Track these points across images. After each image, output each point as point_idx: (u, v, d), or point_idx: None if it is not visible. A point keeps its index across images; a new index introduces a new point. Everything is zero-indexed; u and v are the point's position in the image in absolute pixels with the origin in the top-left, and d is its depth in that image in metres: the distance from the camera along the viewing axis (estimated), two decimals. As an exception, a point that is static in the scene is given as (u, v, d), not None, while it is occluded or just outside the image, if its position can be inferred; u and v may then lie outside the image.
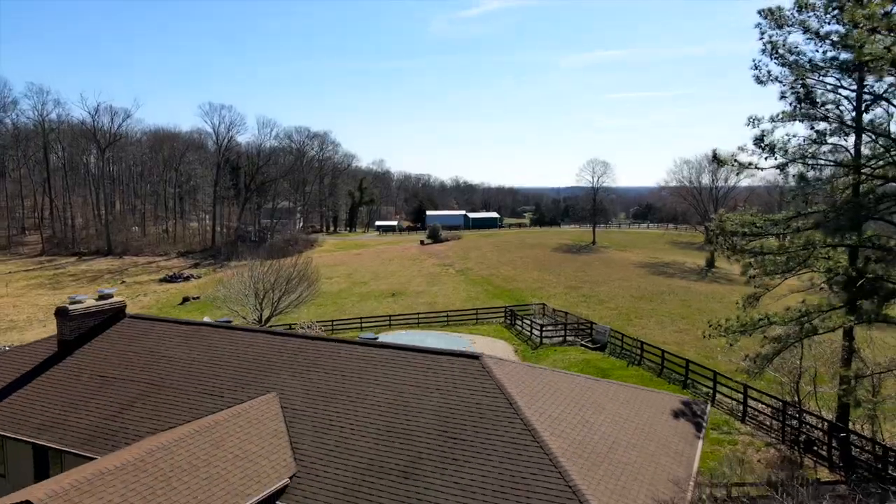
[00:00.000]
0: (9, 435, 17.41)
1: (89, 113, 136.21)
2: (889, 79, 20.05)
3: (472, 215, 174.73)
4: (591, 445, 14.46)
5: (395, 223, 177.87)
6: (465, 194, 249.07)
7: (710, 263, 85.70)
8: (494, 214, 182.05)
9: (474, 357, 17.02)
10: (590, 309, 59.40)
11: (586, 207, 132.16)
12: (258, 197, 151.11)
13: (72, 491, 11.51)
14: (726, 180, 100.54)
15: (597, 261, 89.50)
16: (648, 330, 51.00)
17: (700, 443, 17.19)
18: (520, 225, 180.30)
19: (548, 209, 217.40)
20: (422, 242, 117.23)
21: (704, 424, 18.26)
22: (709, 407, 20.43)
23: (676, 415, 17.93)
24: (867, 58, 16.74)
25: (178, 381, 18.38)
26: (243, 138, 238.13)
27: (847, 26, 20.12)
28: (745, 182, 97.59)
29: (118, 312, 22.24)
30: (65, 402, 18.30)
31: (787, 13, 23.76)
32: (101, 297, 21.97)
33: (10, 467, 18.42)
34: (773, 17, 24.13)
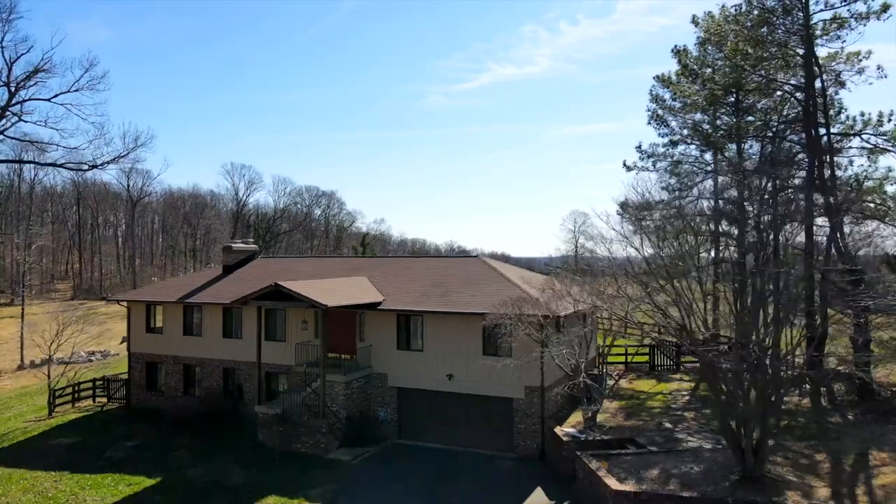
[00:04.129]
0: (209, 301, 30.64)
1: (124, 172, 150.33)
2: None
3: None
4: (531, 284, 27.94)
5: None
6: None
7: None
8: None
9: (475, 256, 30.63)
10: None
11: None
12: (271, 247, 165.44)
13: (303, 284, 24.93)
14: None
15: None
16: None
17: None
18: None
19: (539, 272, 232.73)
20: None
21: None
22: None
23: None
24: (681, 96, 31.25)
25: (305, 275, 31.74)
26: (261, 195, 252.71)
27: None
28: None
29: (255, 253, 35.76)
30: (235, 287, 31.53)
31: (672, 76, 38.54)
32: (245, 243, 35.49)
33: (205, 328, 31.61)
34: (662, 80, 38.90)
